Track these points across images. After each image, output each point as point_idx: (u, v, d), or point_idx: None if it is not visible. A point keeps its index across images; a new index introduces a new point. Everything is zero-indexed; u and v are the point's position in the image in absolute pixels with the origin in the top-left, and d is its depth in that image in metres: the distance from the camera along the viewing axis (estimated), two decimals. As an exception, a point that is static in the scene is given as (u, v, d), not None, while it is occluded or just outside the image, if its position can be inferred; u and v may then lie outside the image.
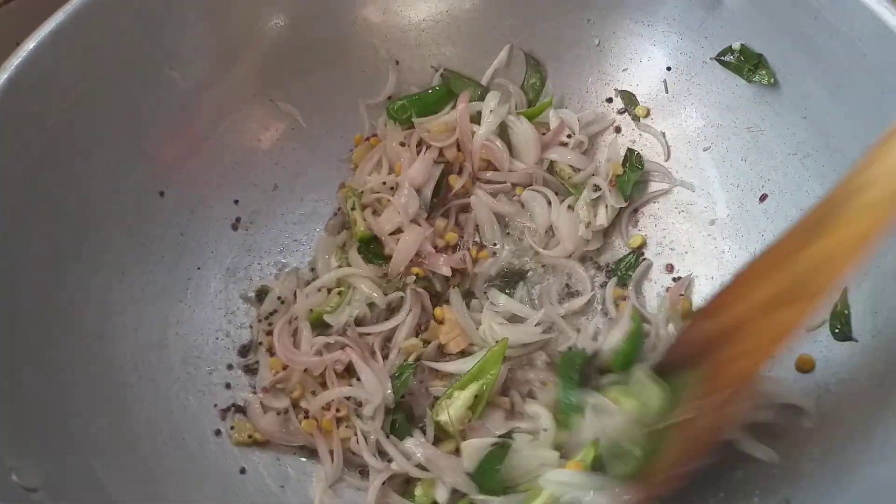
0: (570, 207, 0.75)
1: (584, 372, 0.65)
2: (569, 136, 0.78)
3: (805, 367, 0.60)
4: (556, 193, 0.77)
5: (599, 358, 0.67)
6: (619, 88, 0.79)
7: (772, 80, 0.68)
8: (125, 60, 0.66)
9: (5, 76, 0.58)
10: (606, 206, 0.75)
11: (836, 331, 0.59)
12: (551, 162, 0.78)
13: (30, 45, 0.60)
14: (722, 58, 0.72)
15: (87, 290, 0.62)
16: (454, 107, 0.77)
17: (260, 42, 0.75)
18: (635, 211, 0.77)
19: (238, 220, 0.76)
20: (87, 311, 0.61)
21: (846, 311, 0.59)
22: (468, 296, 0.73)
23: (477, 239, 0.76)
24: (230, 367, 0.69)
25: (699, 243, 0.73)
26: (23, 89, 0.59)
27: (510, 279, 0.75)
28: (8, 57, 0.59)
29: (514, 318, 0.71)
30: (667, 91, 0.77)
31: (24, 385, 0.52)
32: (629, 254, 0.75)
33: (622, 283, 0.74)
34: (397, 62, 0.79)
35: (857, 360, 0.56)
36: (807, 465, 0.53)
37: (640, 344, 0.67)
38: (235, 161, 0.76)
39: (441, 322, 0.71)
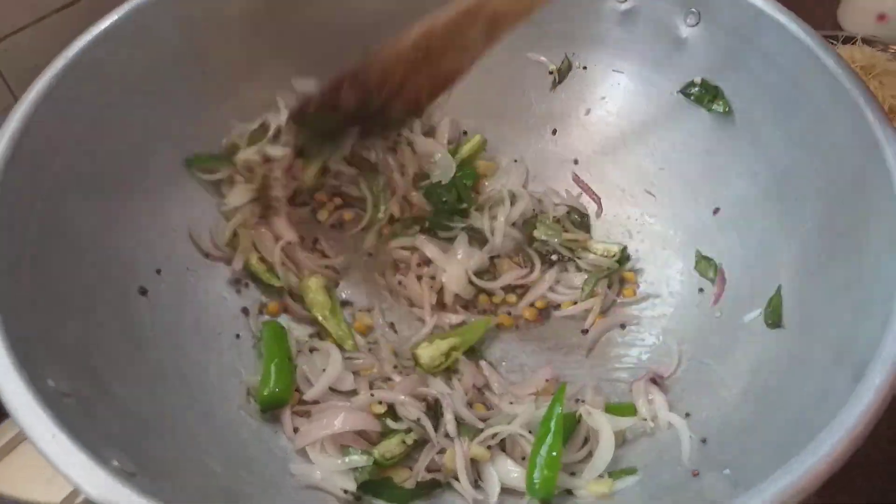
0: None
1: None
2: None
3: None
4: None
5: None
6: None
7: (727, 109, 0.78)
8: (164, 58, 0.75)
9: (62, 64, 0.67)
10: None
11: (770, 322, 0.67)
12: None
13: (86, 38, 0.68)
14: (686, 91, 0.82)
15: (115, 252, 0.69)
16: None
17: (279, 55, 0.85)
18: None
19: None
20: (114, 269, 0.69)
21: (779, 304, 0.67)
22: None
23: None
24: (237, 336, 0.76)
25: (658, 246, 0.83)
26: (78, 74, 0.67)
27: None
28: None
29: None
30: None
31: (60, 324, 0.60)
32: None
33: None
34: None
35: (784, 344, 0.64)
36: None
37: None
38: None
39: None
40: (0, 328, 0.51)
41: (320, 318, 0.77)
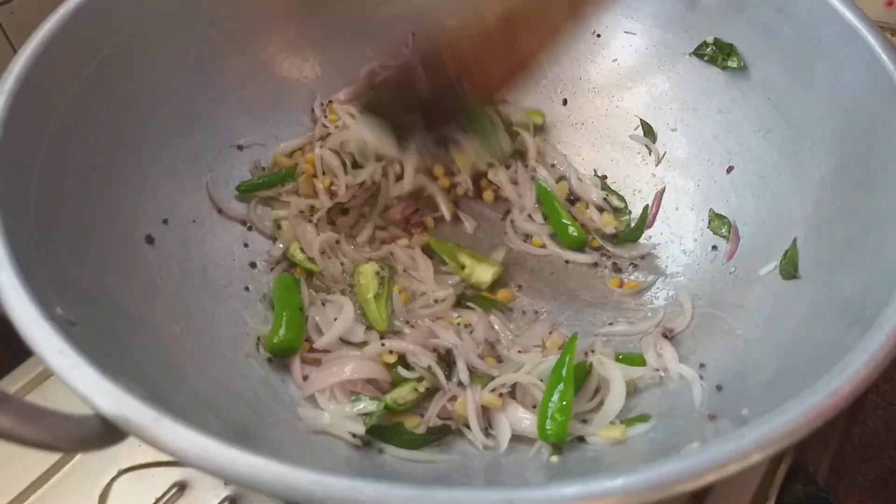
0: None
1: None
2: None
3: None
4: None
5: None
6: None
7: (742, 65, 0.77)
8: (172, 11, 0.75)
9: (74, 3, 0.67)
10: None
11: (785, 274, 0.66)
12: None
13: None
14: (699, 52, 0.81)
15: (120, 199, 0.68)
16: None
17: (289, 13, 0.85)
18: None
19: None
20: (121, 215, 0.68)
21: (795, 256, 0.66)
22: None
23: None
24: (246, 289, 0.75)
25: (670, 206, 0.82)
26: (85, 19, 0.66)
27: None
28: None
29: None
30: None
31: (69, 260, 0.59)
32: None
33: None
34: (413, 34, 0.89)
35: (800, 294, 0.63)
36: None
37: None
38: (262, 114, 0.85)
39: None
40: (9, 254, 0.50)
41: (361, 301, 0.75)
